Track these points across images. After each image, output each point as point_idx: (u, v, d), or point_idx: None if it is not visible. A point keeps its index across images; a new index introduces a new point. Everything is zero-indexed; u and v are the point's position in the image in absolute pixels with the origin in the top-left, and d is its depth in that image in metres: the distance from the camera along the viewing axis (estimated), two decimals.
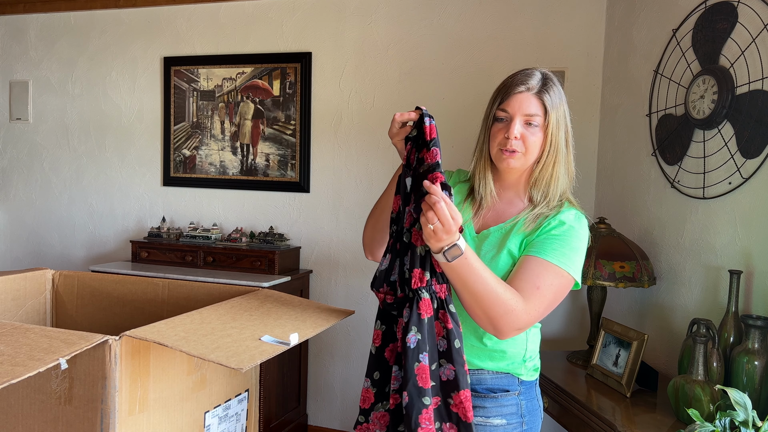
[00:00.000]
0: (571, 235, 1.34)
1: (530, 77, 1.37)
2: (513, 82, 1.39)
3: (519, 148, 1.35)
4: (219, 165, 3.48)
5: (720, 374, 1.71)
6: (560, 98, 1.38)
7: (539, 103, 1.35)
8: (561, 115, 1.37)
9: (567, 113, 1.40)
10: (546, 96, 1.36)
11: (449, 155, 3.08)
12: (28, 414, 1.00)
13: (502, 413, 1.40)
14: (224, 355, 0.93)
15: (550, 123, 1.35)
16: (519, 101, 1.36)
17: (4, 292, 1.43)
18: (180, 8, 3.50)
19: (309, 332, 1.14)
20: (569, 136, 1.40)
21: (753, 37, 1.83)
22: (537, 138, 1.36)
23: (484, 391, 1.41)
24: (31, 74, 3.85)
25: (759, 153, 1.78)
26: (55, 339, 0.91)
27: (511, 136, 1.34)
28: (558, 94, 1.38)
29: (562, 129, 1.37)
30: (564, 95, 1.41)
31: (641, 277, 2.18)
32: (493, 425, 1.40)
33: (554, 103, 1.36)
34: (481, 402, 1.40)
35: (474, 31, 3.03)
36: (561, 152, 1.38)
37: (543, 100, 1.35)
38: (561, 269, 1.30)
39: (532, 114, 1.35)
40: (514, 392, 1.41)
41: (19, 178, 3.91)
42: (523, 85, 1.36)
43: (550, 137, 1.36)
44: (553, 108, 1.35)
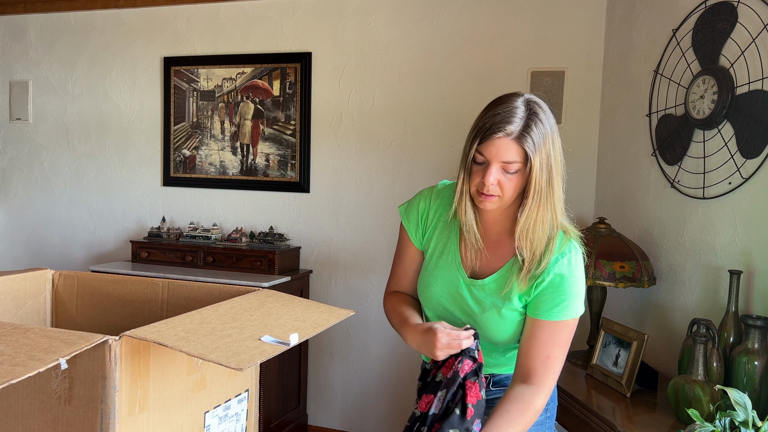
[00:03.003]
0: (571, 283, 1.32)
1: (511, 117, 1.26)
2: (492, 123, 1.27)
3: (496, 192, 1.30)
4: (219, 165, 3.48)
5: (720, 374, 1.71)
6: (544, 135, 1.27)
7: (519, 150, 1.26)
8: (545, 155, 1.28)
9: (553, 146, 1.30)
10: (527, 141, 1.25)
11: (449, 155, 3.08)
12: (28, 414, 1.00)
13: None
14: (224, 355, 0.93)
15: (533, 169, 1.27)
16: (497, 147, 1.27)
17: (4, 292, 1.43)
18: (180, 8, 3.50)
19: (309, 332, 1.14)
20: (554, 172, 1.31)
21: (753, 37, 1.83)
22: (514, 183, 1.29)
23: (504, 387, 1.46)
24: (31, 74, 3.85)
25: (759, 153, 1.78)
26: (55, 339, 0.91)
27: (487, 182, 1.28)
28: (542, 130, 1.27)
29: (545, 171, 1.29)
30: (551, 123, 1.30)
31: (641, 277, 2.18)
32: None
33: (537, 145, 1.26)
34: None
35: (474, 31, 3.03)
36: (544, 195, 1.30)
37: (523, 146, 1.25)
38: (567, 321, 1.32)
39: (510, 161, 1.27)
40: None
41: (19, 178, 3.91)
42: (502, 131, 1.25)
43: (533, 183, 1.28)
44: (536, 152, 1.26)
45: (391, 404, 3.23)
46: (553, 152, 1.31)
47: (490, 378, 1.50)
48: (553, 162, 1.31)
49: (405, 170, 3.16)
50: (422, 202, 1.50)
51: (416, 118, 3.13)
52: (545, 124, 1.28)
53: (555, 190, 1.33)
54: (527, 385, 1.32)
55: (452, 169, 3.07)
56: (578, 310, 1.34)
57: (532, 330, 1.34)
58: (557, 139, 1.33)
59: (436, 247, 1.46)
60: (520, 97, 1.30)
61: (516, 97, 1.30)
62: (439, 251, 1.45)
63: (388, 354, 3.20)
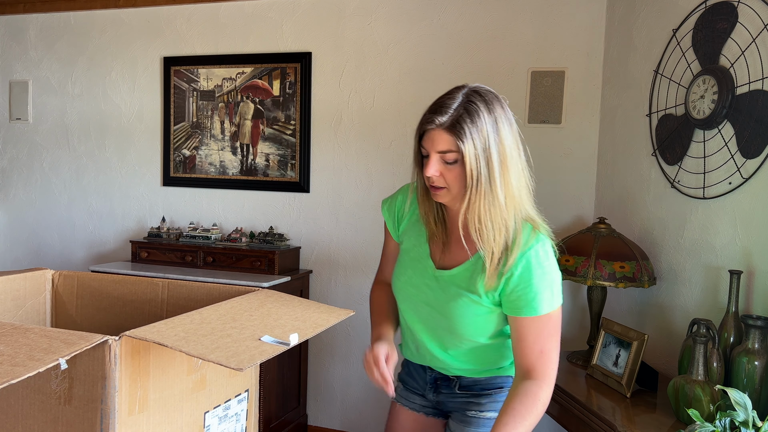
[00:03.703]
0: (542, 275, 1.32)
1: (444, 108, 1.27)
2: (427, 116, 1.30)
3: (440, 184, 1.31)
4: (219, 165, 3.48)
5: (720, 374, 1.71)
6: (479, 124, 1.26)
7: (451, 139, 1.26)
8: (480, 144, 1.26)
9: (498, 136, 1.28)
10: (457, 130, 1.25)
11: None
12: (28, 414, 1.00)
13: (496, 408, 1.49)
14: (224, 355, 0.93)
15: (465, 158, 1.26)
16: (432, 138, 1.29)
17: (3, 292, 1.43)
18: (180, 8, 3.50)
19: (309, 332, 1.14)
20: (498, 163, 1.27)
21: (753, 37, 1.83)
22: (455, 173, 1.29)
23: (479, 390, 1.50)
24: (31, 74, 3.85)
25: (759, 153, 1.78)
26: (54, 339, 0.91)
27: (426, 173, 1.30)
28: (478, 120, 1.26)
29: (483, 160, 1.26)
30: (495, 113, 1.29)
31: (641, 277, 2.18)
32: (486, 418, 1.48)
33: (469, 134, 1.25)
34: (476, 399, 1.50)
35: (474, 31, 3.03)
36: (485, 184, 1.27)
37: (455, 134, 1.25)
38: (551, 312, 1.33)
39: (445, 151, 1.28)
40: (507, 388, 1.49)
41: (19, 178, 3.91)
42: (432, 122, 1.27)
43: (468, 172, 1.27)
44: (466, 141, 1.25)
45: (388, 402, 3.22)
46: (497, 142, 1.28)
47: (457, 380, 1.53)
48: (497, 152, 1.28)
49: (405, 170, 3.16)
50: (401, 196, 1.55)
51: (416, 118, 3.10)
52: (482, 112, 1.27)
53: (507, 181, 1.30)
54: (529, 380, 1.33)
55: None
56: (557, 301, 1.34)
57: (519, 330, 1.35)
58: (505, 129, 1.30)
59: (410, 239, 1.51)
60: (464, 88, 1.31)
61: (458, 90, 1.31)
62: (411, 244, 1.50)
63: None
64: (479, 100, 1.28)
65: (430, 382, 1.57)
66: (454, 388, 1.52)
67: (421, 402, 1.62)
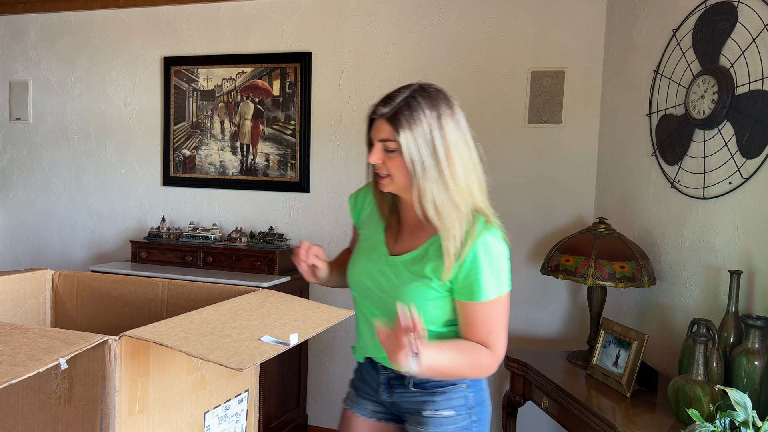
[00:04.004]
0: (490, 262, 1.38)
1: (388, 101, 1.38)
2: (373, 108, 1.41)
3: (384, 171, 1.40)
4: (219, 165, 3.48)
5: (720, 374, 1.71)
6: (419, 116, 1.34)
7: (390, 129, 1.35)
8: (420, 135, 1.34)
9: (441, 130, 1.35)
10: (397, 120, 1.34)
11: None
12: (28, 414, 1.00)
13: (451, 405, 1.50)
14: (224, 355, 0.93)
15: (401, 147, 1.34)
16: (375, 128, 1.39)
17: (3, 292, 1.43)
18: (180, 8, 3.49)
19: (309, 332, 1.14)
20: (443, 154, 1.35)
21: (753, 37, 1.83)
22: (396, 162, 1.37)
23: (432, 387, 1.51)
24: (31, 74, 3.85)
25: (759, 153, 1.78)
26: (54, 339, 0.91)
27: (369, 160, 1.40)
28: (418, 112, 1.34)
29: (425, 149, 1.34)
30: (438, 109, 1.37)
31: (641, 277, 2.18)
32: (443, 417, 1.50)
33: (406, 125, 1.34)
34: (431, 397, 1.50)
35: (474, 31, 3.03)
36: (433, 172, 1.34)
37: (393, 124, 1.35)
38: (498, 298, 1.39)
39: (385, 139, 1.37)
40: (462, 385, 1.50)
41: (19, 178, 3.91)
42: (377, 113, 1.39)
43: (407, 161, 1.35)
44: (402, 131, 1.33)
45: None
46: (441, 136, 1.36)
47: (410, 378, 1.52)
48: (442, 145, 1.36)
49: None
50: (365, 188, 1.62)
51: None
52: (423, 107, 1.36)
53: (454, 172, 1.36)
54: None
55: None
56: (504, 288, 1.40)
57: (467, 314, 1.41)
58: (449, 125, 1.37)
59: (368, 229, 1.57)
60: (413, 86, 1.41)
61: (408, 86, 1.41)
62: (369, 233, 1.56)
63: None
64: (423, 96, 1.38)
65: (384, 382, 1.57)
66: (408, 386, 1.53)
67: (374, 408, 1.61)
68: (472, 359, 1.39)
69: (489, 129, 3.01)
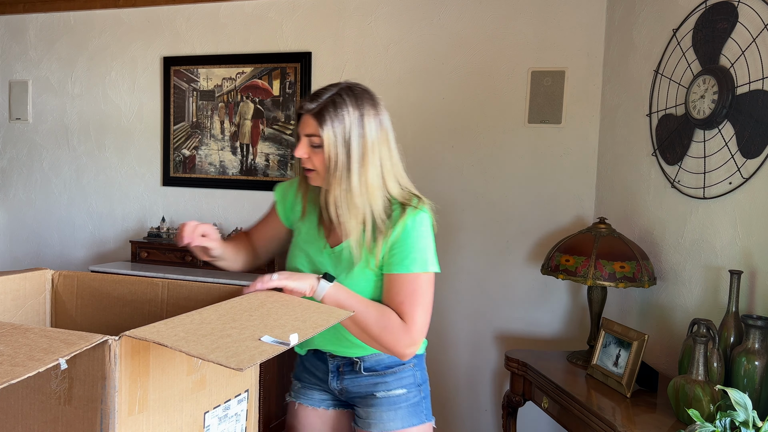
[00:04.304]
0: (416, 237, 1.44)
1: (315, 98, 1.41)
2: (300, 103, 1.44)
3: (310, 165, 1.45)
4: (219, 165, 3.48)
5: (720, 374, 1.71)
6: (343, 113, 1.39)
7: (315, 124, 1.39)
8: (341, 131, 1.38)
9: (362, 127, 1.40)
10: (321, 115, 1.39)
11: (449, 155, 3.08)
12: (28, 414, 1.00)
13: (402, 384, 1.57)
14: (224, 355, 0.93)
15: (325, 141, 1.39)
16: (302, 123, 1.43)
17: (3, 292, 1.43)
18: (179, 8, 3.49)
19: (309, 332, 1.14)
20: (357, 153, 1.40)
21: (753, 36, 1.83)
22: (321, 157, 1.42)
23: (383, 369, 1.57)
24: (31, 74, 3.85)
25: (759, 153, 1.78)
26: (54, 339, 0.91)
27: (296, 154, 1.44)
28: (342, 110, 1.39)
29: (342, 147, 1.39)
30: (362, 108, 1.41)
31: (641, 277, 2.18)
32: (395, 395, 1.57)
33: (329, 121, 1.38)
34: (382, 378, 1.56)
35: (474, 31, 3.03)
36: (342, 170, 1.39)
37: (318, 119, 1.39)
38: (418, 273, 1.44)
39: (310, 134, 1.41)
40: (410, 365, 1.59)
41: (19, 178, 3.91)
42: (304, 108, 1.42)
43: (327, 156, 1.40)
44: (325, 126, 1.38)
45: None
46: (360, 135, 1.40)
47: (360, 362, 1.57)
48: (358, 144, 1.40)
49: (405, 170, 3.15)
50: (294, 182, 1.63)
51: (416, 118, 3.13)
52: (348, 105, 1.40)
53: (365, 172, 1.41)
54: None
55: (452, 169, 3.08)
56: (428, 264, 1.45)
57: (387, 285, 1.46)
58: (371, 125, 1.42)
59: (300, 223, 1.59)
60: (341, 84, 1.45)
61: (335, 84, 1.45)
62: (302, 227, 1.59)
63: None
64: (349, 95, 1.42)
65: (333, 370, 1.59)
66: (359, 371, 1.57)
67: (321, 396, 1.64)
68: (379, 315, 1.42)
69: (489, 129, 3.01)
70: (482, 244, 3.04)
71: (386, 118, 1.47)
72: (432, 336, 3.13)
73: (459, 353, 3.10)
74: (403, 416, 1.56)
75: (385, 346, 1.44)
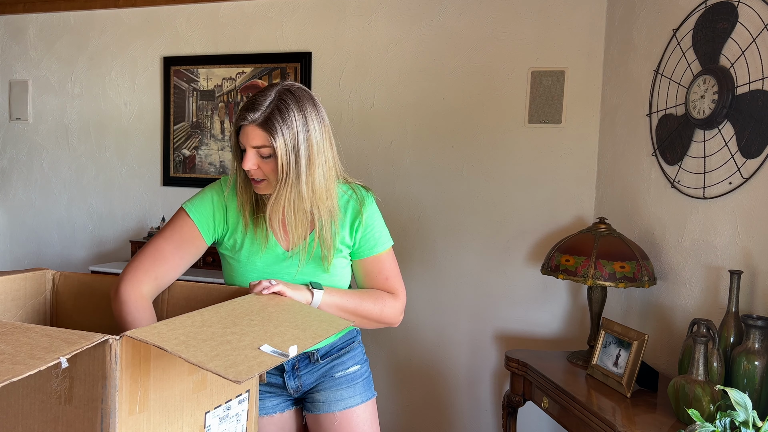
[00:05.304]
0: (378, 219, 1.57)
1: (256, 105, 1.37)
2: (240, 112, 1.39)
3: (261, 176, 1.42)
4: (219, 165, 3.47)
5: (720, 374, 1.71)
6: (290, 120, 1.37)
7: (264, 135, 1.36)
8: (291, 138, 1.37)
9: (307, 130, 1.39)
10: (270, 125, 1.35)
11: (449, 155, 3.08)
12: (28, 414, 1.00)
13: (356, 360, 1.66)
14: (222, 365, 0.93)
15: (277, 152, 1.37)
16: (246, 134, 1.38)
17: (4, 292, 1.43)
18: (179, 8, 3.49)
19: (308, 342, 1.14)
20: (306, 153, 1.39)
21: (753, 36, 1.83)
22: (272, 166, 1.40)
23: (337, 351, 1.62)
24: (31, 74, 3.85)
25: (759, 153, 1.78)
26: (55, 338, 0.91)
27: (245, 167, 1.39)
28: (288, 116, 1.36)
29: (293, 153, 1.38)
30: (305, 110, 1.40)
31: (641, 277, 2.18)
32: (352, 372, 1.64)
33: (279, 130, 1.35)
34: (339, 360, 1.62)
35: (474, 31, 3.03)
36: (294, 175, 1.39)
37: (267, 130, 1.36)
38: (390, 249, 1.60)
39: (259, 146, 1.38)
40: (357, 341, 1.68)
41: (19, 178, 3.91)
42: (246, 119, 1.37)
43: (279, 165, 1.37)
44: (277, 136, 1.35)
45: (390, 403, 3.23)
46: (306, 138, 1.40)
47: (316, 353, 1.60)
48: (305, 147, 1.40)
49: (405, 170, 3.16)
50: (215, 196, 1.53)
51: (416, 118, 3.13)
52: (291, 110, 1.38)
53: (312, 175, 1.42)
54: None
55: (453, 169, 3.08)
56: (390, 240, 1.60)
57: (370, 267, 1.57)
58: (315, 126, 1.42)
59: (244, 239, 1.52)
60: (277, 86, 1.42)
61: (272, 87, 1.42)
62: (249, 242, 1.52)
63: (387, 355, 3.20)
64: (290, 98, 1.39)
65: (289, 369, 1.60)
66: (315, 361, 1.60)
67: (273, 402, 1.63)
68: (374, 300, 1.52)
69: (489, 129, 3.02)
70: (482, 244, 3.04)
71: (325, 115, 1.48)
72: (432, 336, 3.13)
73: (459, 353, 3.10)
74: (361, 391, 1.64)
75: (384, 322, 1.55)
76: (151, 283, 1.45)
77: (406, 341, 3.16)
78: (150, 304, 1.45)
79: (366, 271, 1.58)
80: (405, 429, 3.19)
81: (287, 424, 1.65)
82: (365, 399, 1.64)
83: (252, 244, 1.52)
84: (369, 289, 1.57)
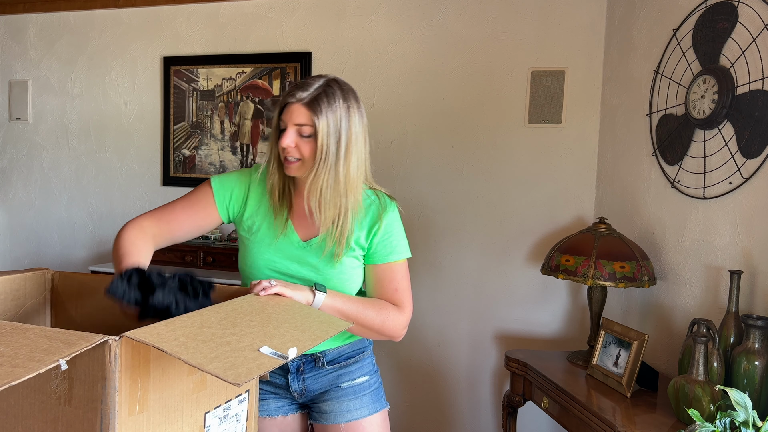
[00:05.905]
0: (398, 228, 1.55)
1: (305, 87, 1.41)
2: (288, 91, 1.44)
3: (295, 155, 1.44)
4: (219, 165, 3.47)
5: (720, 374, 1.71)
6: (335, 106, 1.41)
7: (308, 113, 1.40)
8: (333, 122, 1.40)
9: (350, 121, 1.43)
10: (316, 105, 1.39)
11: (449, 155, 3.08)
12: (28, 414, 1.00)
13: (364, 372, 1.63)
14: (222, 367, 0.93)
15: (319, 132, 1.40)
16: (290, 112, 1.42)
17: (3, 292, 1.43)
18: (179, 8, 3.49)
19: (308, 344, 1.14)
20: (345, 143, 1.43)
21: (753, 36, 1.83)
22: (309, 147, 1.42)
23: (345, 359, 1.60)
24: (31, 74, 3.85)
25: (759, 153, 1.78)
26: (55, 339, 0.91)
27: (282, 143, 1.42)
28: (333, 101, 1.41)
29: (333, 137, 1.41)
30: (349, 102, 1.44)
31: (641, 277, 2.18)
32: (360, 383, 1.61)
33: (324, 111, 1.39)
34: (346, 369, 1.60)
35: (474, 31, 3.03)
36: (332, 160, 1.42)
37: (312, 109, 1.39)
38: (405, 260, 1.57)
39: (301, 124, 1.41)
40: (367, 352, 1.66)
41: (19, 178, 3.91)
42: (294, 96, 1.41)
43: (319, 145, 1.40)
44: (321, 116, 1.39)
45: (390, 403, 3.23)
46: (347, 127, 1.43)
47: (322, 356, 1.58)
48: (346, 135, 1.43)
49: (405, 170, 3.16)
50: (242, 176, 1.59)
51: (416, 118, 3.13)
52: (338, 97, 1.42)
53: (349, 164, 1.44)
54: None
55: (453, 169, 3.08)
56: (408, 250, 1.58)
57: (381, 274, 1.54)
58: (355, 118, 1.45)
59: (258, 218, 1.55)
60: (326, 76, 1.47)
61: (321, 76, 1.47)
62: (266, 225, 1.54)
63: (387, 354, 3.20)
64: (337, 87, 1.44)
65: (294, 371, 1.58)
66: (321, 365, 1.58)
67: (277, 404, 1.62)
68: (378, 309, 1.49)
69: (489, 129, 3.02)
70: (482, 244, 3.04)
71: (365, 114, 1.51)
72: (432, 336, 3.13)
73: (459, 353, 3.10)
74: (368, 403, 1.61)
75: (386, 335, 1.51)
76: (153, 222, 1.52)
77: (406, 341, 3.16)
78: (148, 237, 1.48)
79: (377, 278, 1.55)
80: (405, 429, 3.19)
81: (289, 428, 1.63)
82: (373, 411, 1.61)
83: (269, 229, 1.54)
84: (374, 299, 1.54)
